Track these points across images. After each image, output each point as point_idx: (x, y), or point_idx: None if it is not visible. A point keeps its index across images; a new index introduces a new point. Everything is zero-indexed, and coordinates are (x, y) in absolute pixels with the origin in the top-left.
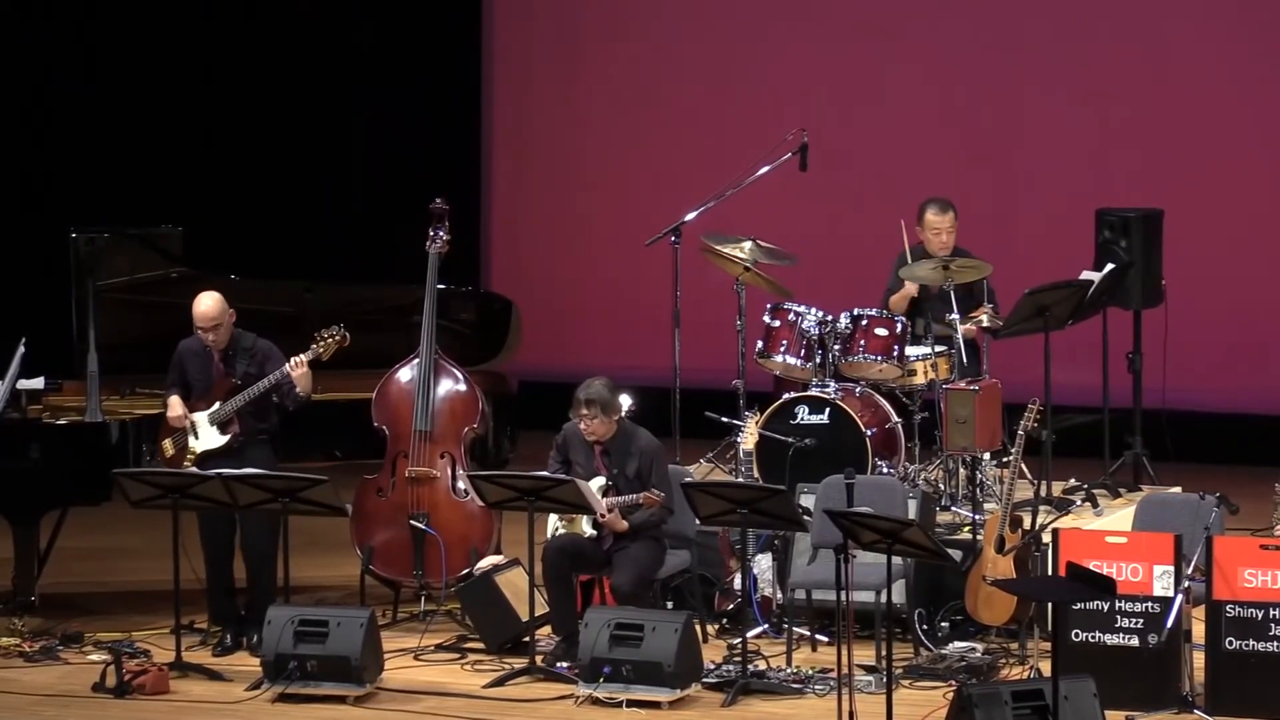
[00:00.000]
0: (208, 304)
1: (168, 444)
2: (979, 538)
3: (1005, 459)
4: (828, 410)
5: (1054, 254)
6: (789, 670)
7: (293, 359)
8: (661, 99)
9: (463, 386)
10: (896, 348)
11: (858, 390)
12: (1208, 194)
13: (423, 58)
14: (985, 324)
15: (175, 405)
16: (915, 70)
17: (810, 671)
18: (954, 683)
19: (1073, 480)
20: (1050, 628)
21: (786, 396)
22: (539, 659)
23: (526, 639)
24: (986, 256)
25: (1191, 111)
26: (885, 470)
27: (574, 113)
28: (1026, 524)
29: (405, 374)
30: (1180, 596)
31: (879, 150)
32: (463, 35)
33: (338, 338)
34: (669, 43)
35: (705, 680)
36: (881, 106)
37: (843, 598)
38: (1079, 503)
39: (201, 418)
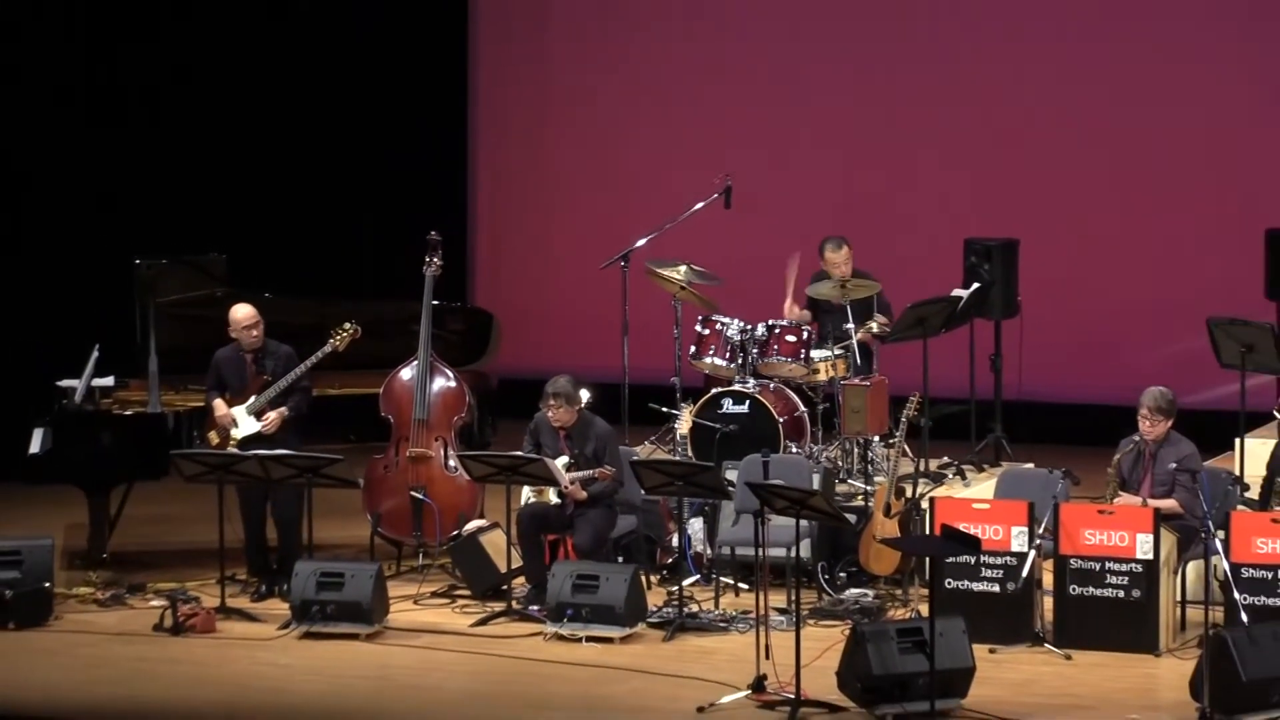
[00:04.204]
0: (247, 309)
1: (212, 435)
2: (870, 504)
3: (891, 441)
4: (748, 402)
5: (931, 275)
6: (717, 612)
7: (264, 417)
8: (616, 150)
9: (453, 383)
10: (804, 351)
11: (772, 386)
12: (1055, 226)
13: (417, 114)
14: (875, 331)
15: (220, 407)
16: (819, 130)
17: (734, 613)
18: (850, 622)
19: (945, 458)
20: (928, 577)
21: (714, 391)
22: (515, 603)
23: (505, 587)
24: (879, 276)
25: (1044, 159)
26: (794, 450)
27: (544, 159)
28: (909, 493)
29: (406, 373)
30: (1033, 552)
31: (790, 192)
32: (450, 96)
33: (351, 331)
34: (622, 104)
35: (649, 620)
36: (793, 157)
37: (760, 553)
38: (950, 476)
39: (240, 410)
